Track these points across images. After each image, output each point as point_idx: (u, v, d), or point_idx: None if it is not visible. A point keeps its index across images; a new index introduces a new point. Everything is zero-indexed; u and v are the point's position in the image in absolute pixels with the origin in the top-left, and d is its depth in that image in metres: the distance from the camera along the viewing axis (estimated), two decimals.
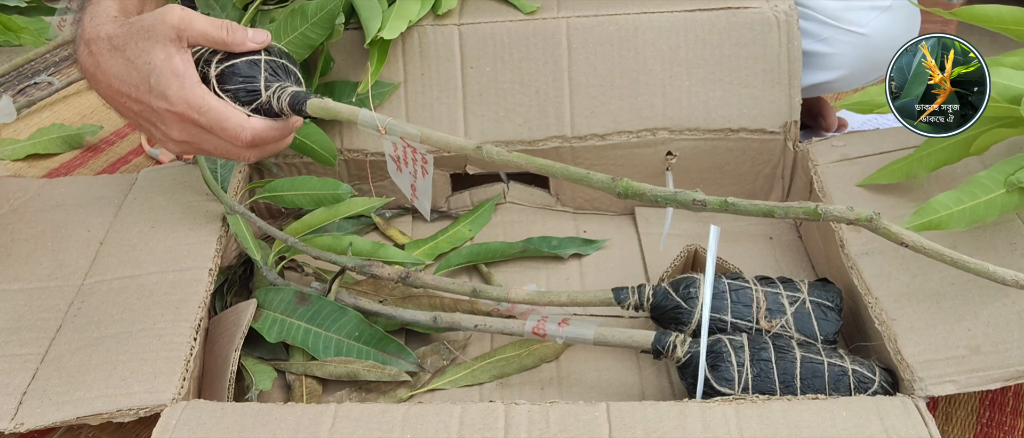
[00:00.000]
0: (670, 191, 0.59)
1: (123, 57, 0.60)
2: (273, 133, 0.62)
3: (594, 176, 0.59)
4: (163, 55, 0.58)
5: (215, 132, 0.60)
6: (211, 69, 0.60)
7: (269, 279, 0.80)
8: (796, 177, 0.92)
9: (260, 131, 0.61)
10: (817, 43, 0.96)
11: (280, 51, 0.64)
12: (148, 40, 0.58)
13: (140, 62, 0.59)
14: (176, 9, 0.58)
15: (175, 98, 0.58)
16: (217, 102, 0.59)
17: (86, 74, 0.63)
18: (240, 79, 0.61)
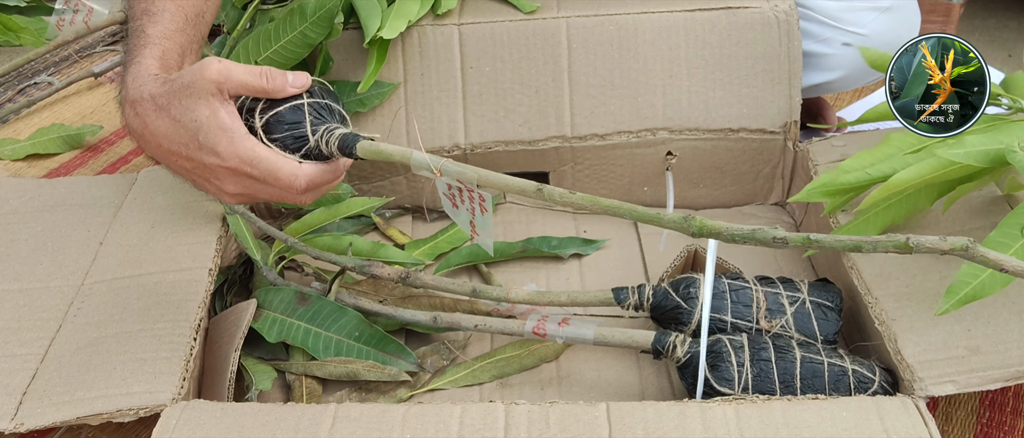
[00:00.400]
0: (748, 229, 0.53)
1: (169, 116, 0.59)
2: (326, 176, 0.61)
3: (665, 216, 0.54)
4: (208, 111, 0.57)
5: (269, 182, 0.59)
6: (256, 120, 0.59)
7: (269, 279, 0.80)
8: (796, 177, 0.92)
9: (313, 177, 0.60)
10: (817, 44, 0.96)
11: (322, 90, 0.63)
12: (190, 97, 0.58)
13: (186, 120, 0.58)
14: (214, 62, 0.57)
15: (226, 153, 0.57)
16: (267, 152, 0.58)
17: (134, 135, 0.63)
18: (286, 126, 0.59)
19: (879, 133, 0.87)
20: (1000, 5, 1.81)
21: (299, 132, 0.59)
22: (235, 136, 0.57)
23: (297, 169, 0.59)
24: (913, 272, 0.70)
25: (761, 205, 0.96)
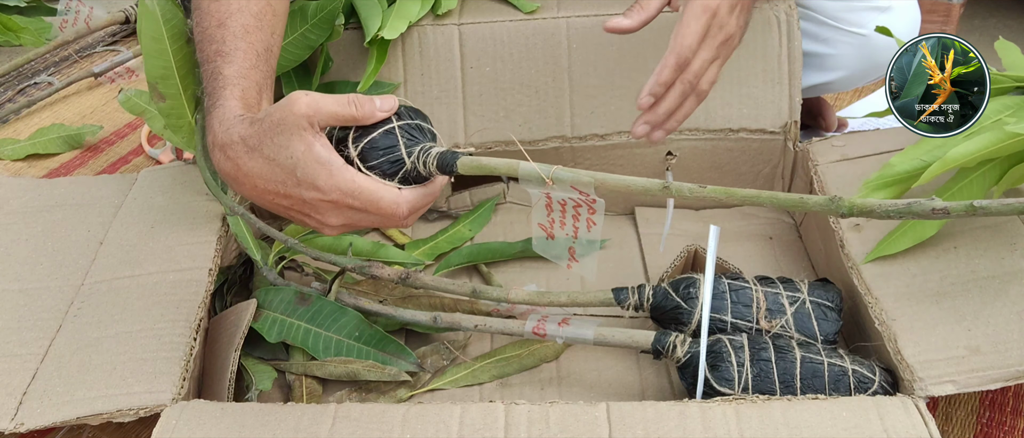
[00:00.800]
0: (903, 203, 0.49)
1: (263, 156, 0.59)
2: (426, 199, 0.61)
3: (809, 199, 0.51)
4: (303, 146, 0.57)
5: (371, 211, 0.59)
6: (351, 150, 0.59)
7: (269, 279, 0.80)
8: (796, 177, 0.92)
9: (414, 202, 0.60)
10: (817, 44, 0.96)
11: (408, 110, 0.62)
12: (282, 134, 0.57)
13: (281, 158, 0.58)
14: (302, 96, 0.57)
15: (326, 186, 0.57)
16: (367, 182, 0.58)
17: (227, 178, 0.62)
18: (381, 152, 0.59)
19: (879, 133, 0.87)
20: (1000, 5, 1.81)
21: (395, 156, 0.59)
22: (334, 168, 0.57)
23: (398, 197, 0.59)
24: (913, 272, 0.70)
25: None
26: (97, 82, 1.36)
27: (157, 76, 0.80)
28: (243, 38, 0.69)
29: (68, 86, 1.32)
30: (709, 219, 0.94)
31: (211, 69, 0.67)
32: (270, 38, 0.72)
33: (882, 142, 0.84)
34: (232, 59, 0.67)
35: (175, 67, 0.80)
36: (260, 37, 0.70)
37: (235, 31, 0.69)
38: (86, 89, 1.34)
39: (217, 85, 0.66)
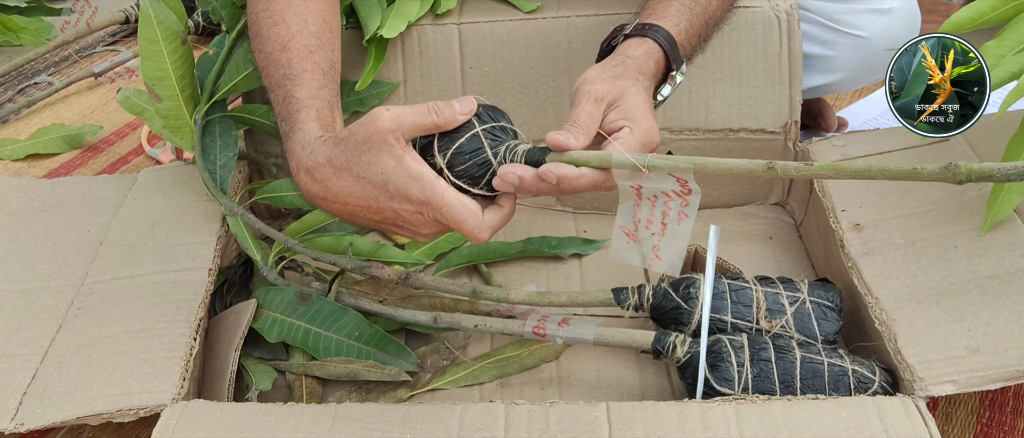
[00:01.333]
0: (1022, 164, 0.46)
1: (351, 175, 0.60)
2: (504, 221, 0.61)
3: (924, 168, 0.48)
4: (393, 161, 0.57)
5: (456, 228, 0.59)
6: (438, 159, 0.59)
7: (269, 279, 0.80)
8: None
9: (495, 225, 0.60)
10: (818, 46, 0.96)
11: (489, 112, 0.61)
12: (371, 151, 0.58)
13: (371, 175, 0.58)
14: (384, 113, 0.57)
15: (419, 200, 0.58)
16: (454, 200, 0.58)
17: (315, 200, 0.63)
18: (467, 157, 0.58)
19: (879, 132, 0.87)
20: None
21: (482, 159, 0.59)
22: (425, 183, 0.57)
23: (481, 222, 0.59)
24: (913, 272, 0.70)
25: (761, 205, 0.97)
26: (97, 82, 1.36)
27: (153, 78, 0.80)
28: (308, 59, 0.70)
29: (68, 86, 1.32)
30: (709, 219, 0.94)
31: (282, 94, 0.69)
32: (332, 55, 0.73)
33: (882, 142, 0.84)
34: (301, 81, 0.68)
35: (171, 69, 0.80)
36: (323, 55, 0.72)
37: (299, 53, 0.70)
38: (86, 89, 1.34)
39: (291, 109, 0.67)
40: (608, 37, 0.73)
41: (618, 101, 0.62)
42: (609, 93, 0.61)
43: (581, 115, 0.60)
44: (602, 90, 0.61)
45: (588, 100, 0.61)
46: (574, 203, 0.98)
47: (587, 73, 0.64)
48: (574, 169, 0.57)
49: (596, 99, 0.61)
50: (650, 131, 0.61)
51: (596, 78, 0.63)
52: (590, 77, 0.63)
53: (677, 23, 0.72)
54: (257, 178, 0.96)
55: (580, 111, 0.60)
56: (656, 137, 0.62)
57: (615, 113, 0.61)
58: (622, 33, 0.72)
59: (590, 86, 0.61)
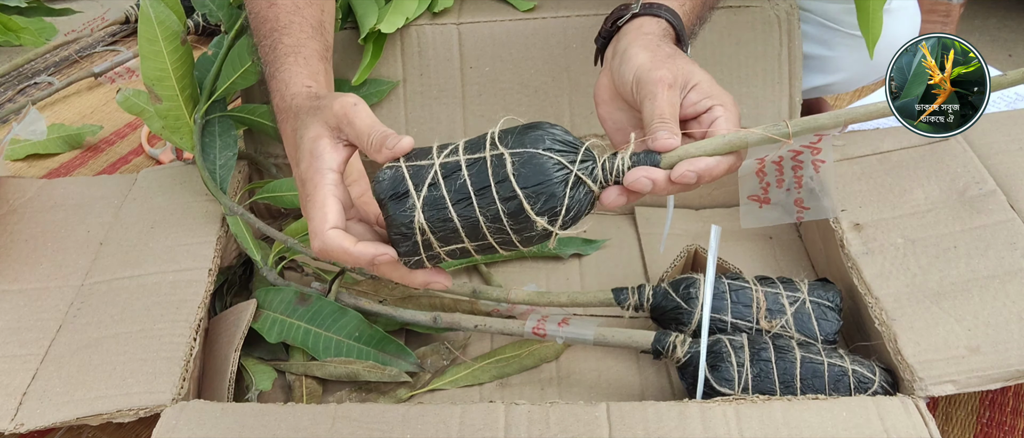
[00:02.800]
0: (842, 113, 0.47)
1: (292, 127, 0.60)
2: (346, 256, 0.53)
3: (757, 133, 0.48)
4: (313, 134, 0.56)
5: (306, 218, 0.56)
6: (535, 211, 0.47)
7: (269, 279, 0.80)
8: None
9: (327, 248, 0.53)
10: (818, 46, 0.96)
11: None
12: (312, 115, 0.57)
13: (297, 135, 0.58)
14: (348, 99, 0.55)
15: (299, 175, 0.57)
16: (321, 199, 0.54)
17: (283, 141, 0.65)
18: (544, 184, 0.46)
19: (879, 132, 0.87)
20: (1000, 5, 1.81)
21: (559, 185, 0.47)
22: (316, 164, 0.55)
23: (324, 228, 0.53)
24: (913, 272, 0.70)
25: None
26: (97, 82, 1.36)
27: (153, 78, 0.80)
28: (296, 13, 0.70)
29: (68, 86, 1.32)
30: (709, 219, 0.94)
31: (269, 43, 0.68)
32: (321, 14, 0.72)
33: (882, 141, 0.84)
34: (288, 31, 0.68)
35: (171, 69, 0.80)
36: (311, 12, 0.71)
37: (287, 8, 0.70)
38: (86, 89, 1.34)
39: (277, 54, 0.67)
40: (612, 16, 0.69)
41: (690, 82, 0.57)
42: (678, 77, 0.56)
43: (665, 107, 0.54)
44: (670, 75, 0.56)
45: (663, 88, 0.55)
46: None
47: (638, 59, 0.58)
48: (711, 160, 0.51)
49: (670, 85, 0.55)
50: (734, 103, 0.57)
51: (653, 63, 0.57)
52: (646, 64, 0.57)
53: (682, 2, 0.68)
54: (257, 178, 0.96)
55: (662, 103, 0.54)
56: (738, 106, 0.57)
57: (694, 94, 0.56)
58: (629, 12, 0.67)
59: (657, 73, 0.56)
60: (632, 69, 0.57)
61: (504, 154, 0.46)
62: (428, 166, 0.48)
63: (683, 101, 0.56)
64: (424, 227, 0.47)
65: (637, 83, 0.56)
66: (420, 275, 0.53)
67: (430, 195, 0.47)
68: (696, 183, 0.51)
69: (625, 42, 0.61)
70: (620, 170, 0.49)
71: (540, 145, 0.46)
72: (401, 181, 0.48)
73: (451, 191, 0.47)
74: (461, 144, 0.49)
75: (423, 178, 0.48)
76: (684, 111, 0.56)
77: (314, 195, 0.54)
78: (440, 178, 0.47)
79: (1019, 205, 0.73)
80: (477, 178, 0.47)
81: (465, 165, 0.47)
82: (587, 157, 0.48)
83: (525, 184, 0.46)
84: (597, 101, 0.61)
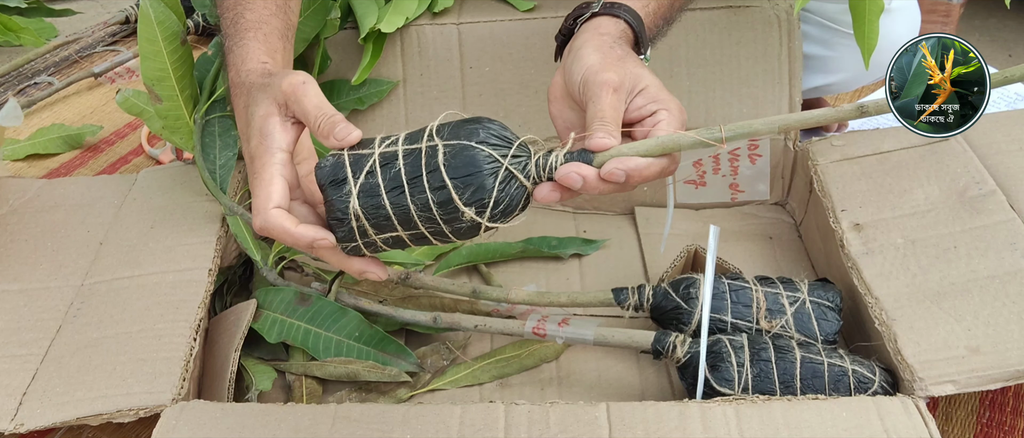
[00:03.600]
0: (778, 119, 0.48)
1: (243, 104, 0.60)
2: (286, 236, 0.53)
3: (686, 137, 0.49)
4: (263, 112, 0.56)
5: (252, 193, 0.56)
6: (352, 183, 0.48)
7: (269, 279, 0.80)
8: (796, 177, 0.92)
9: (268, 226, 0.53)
10: (818, 46, 0.96)
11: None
12: (262, 92, 0.57)
13: (248, 112, 0.58)
14: (297, 77, 0.55)
15: (248, 152, 0.57)
16: (267, 178, 0.54)
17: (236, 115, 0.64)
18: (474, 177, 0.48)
19: (879, 132, 0.87)
20: (1000, 5, 1.81)
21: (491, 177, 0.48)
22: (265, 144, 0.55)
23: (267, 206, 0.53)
24: (913, 272, 0.70)
25: (761, 205, 0.96)
26: (97, 82, 1.35)
27: (153, 78, 0.80)
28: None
29: (68, 86, 1.32)
30: (709, 219, 0.94)
31: (231, 17, 0.68)
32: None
33: (882, 142, 0.84)
34: (251, 6, 0.68)
35: (171, 69, 0.80)
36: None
37: None
38: (86, 89, 1.34)
39: (238, 28, 0.67)
40: (573, 13, 0.68)
41: (637, 86, 0.57)
42: (625, 80, 0.57)
43: (606, 110, 0.55)
44: (617, 78, 0.56)
45: (607, 91, 0.56)
46: (574, 203, 0.98)
47: (588, 60, 0.59)
48: (642, 160, 0.52)
49: (615, 88, 0.56)
50: (681, 109, 0.57)
51: (602, 66, 0.58)
52: (596, 65, 0.58)
53: (646, 3, 0.68)
54: None
55: (604, 105, 0.55)
56: (685, 112, 0.58)
57: (640, 99, 0.57)
58: (589, 10, 0.67)
59: (604, 75, 0.56)
60: (581, 69, 0.58)
61: (438, 145, 0.48)
62: (368, 155, 0.49)
63: (630, 105, 0.57)
64: (359, 214, 0.48)
65: (584, 84, 0.57)
66: (357, 263, 0.53)
67: (366, 183, 0.48)
68: (626, 182, 0.52)
69: (580, 41, 0.61)
70: (553, 166, 0.50)
71: (474, 138, 0.48)
72: (341, 168, 0.49)
73: (386, 179, 0.48)
74: (402, 135, 0.50)
75: (362, 166, 0.49)
76: (630, 115, 0.57)
77: (261, 173, 0.54)
78: (377, 167, 0.48)
79: (1019, 205, 0.73)
80: (411, 168, 0.48)
81: (401, 155, 0.48)
82: (521, 152, 0.49)
83: (454, 175, 0.47)
84: (549, 99, 0.61)
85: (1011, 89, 1.17)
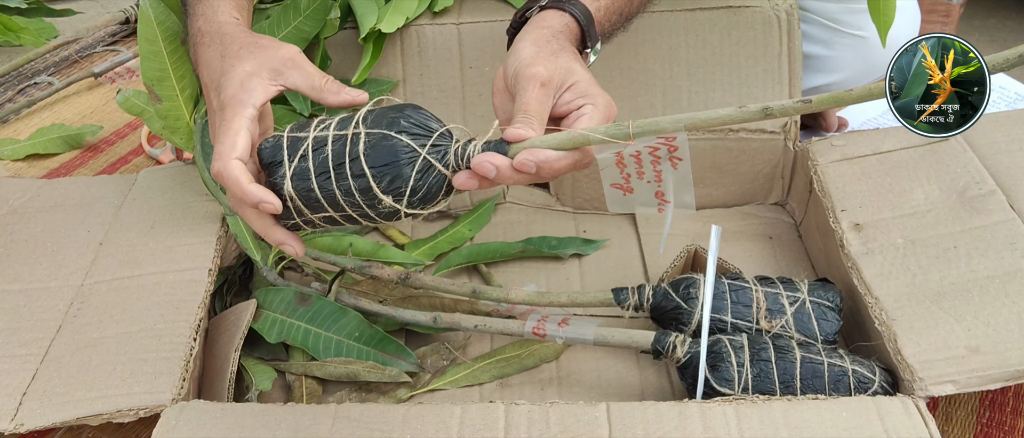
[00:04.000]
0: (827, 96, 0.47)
1: (218, 52, 0.61)
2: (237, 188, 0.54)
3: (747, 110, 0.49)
4: (250, 68, 0.58)
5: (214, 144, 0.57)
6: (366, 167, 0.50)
7: (269, 279, 0.80)
8: (796, 177, 0.92)
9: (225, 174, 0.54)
10: (818, 46, 0.96)
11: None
12: (252, 52, 0.59)
13: (226, 63, 0.59)
14: (293, 48, 0.58)
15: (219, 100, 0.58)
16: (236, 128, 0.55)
17: (193, 62, 0.65)
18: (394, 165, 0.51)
19: (879, 132, 0.87)
20: (1000, 5, 1.81)
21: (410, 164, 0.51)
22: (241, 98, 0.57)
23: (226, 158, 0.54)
24: (913, 272, 0.70)
25: (760, 205, 0.96)
26: (97, 82, 1.35)
27: (153, 78, 0.80)
28: None
29: (68, 86, 1.32)
30: (709, 219, 0.94)
31: None
32: None
33: (882, 141, 0.84)
34: None
35: (171, 69, 0.80)
36: None
37: None
38: (86, 89, 1.34)
39: None
40: (524, 7, 0.69)
41: (567, 81, 0.59)
42: (555, 75, 0.58)
43: (531, 103, 0.56)
44: (546, 73, 0.58)
45: (534, 85, 0.57)
46: (574, 203, 0.98)
47: (522, 54, 0.60)
48: (552, 153, 0.53)
49: (543, 83, 0.57)
50: (609, 105, 0.59)
51: (535, 59, 0.59)
52: (528, 59, 0.59)
53: None
54: None
55: (529, 99, 0.57)
56: (615, 108, 0.60)
57: (569, 93, 0.58)
58: (539, 3, 0.68)
59: (533, 69, 0.58)
60: (515, 63, 0.59)
61: (361, 133, 0.50)
62: (303, 138, 0.52)
63: (559, 99, 0.58)
64: (292, 195, 0.52)
65: (516, 76, 0.59)
66: (277, 234, 0.55)
67: (299, 167, 0.51)
68: (537, 173, 0.53)
69: (522, 34, 0.63)
70: (470, 156, 0.52)
71: (394, 128, 0.50)
72: (279, 150, 0.52)
73: (316, 164, 0.51)
74: (335, 120, 0.53)
75: (297, 150, 0.52)
76: (559, 109, 0.58)
77: (231, 123, 0.55)
78: (310, 151, 0.51)
79: (1019, 205, 0.73)
80: (337, 155, 0.51)
81: (331, 141, 0.51)
82: (440, 142, 0.52)
83: (373, 164, 0.50)
84: (493, 91, 0.63)
85: (1011, 89, 1.17)
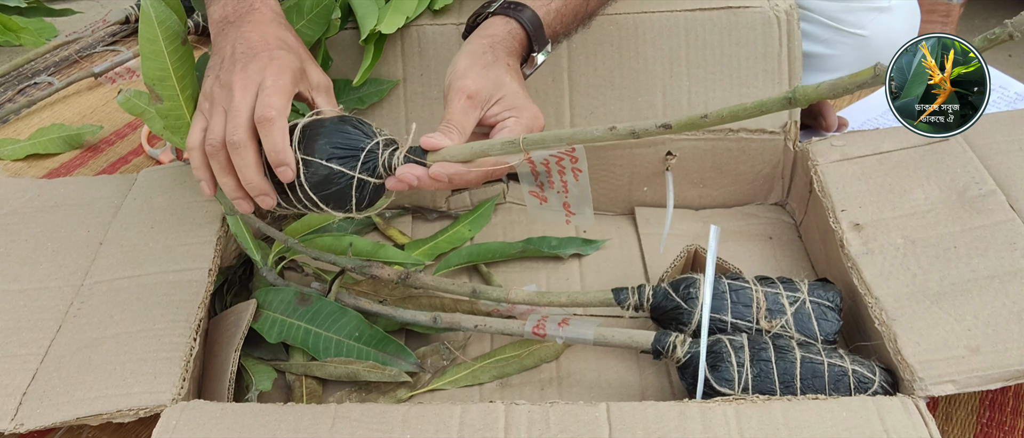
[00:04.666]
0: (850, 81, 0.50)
1: (274, 27, 0.64)
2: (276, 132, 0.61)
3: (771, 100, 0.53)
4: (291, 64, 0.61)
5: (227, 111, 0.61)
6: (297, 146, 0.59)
7: (269, 279, 0.80)
8: (796, 177, 0.92)
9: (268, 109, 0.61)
10: (817, 45, 0.96)
11: None
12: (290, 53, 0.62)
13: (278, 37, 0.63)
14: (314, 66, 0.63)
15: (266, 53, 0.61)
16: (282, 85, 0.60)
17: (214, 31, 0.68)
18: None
19: (879, 132, 0.87)
20: (1000, 5, 1.81)
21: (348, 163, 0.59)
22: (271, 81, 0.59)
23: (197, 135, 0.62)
24: (913, 272, 0.70)
25: (761, 205, 0.96)
26: (97, 82, 1.35)
27: (154, 78, 0.80)
28: None
29: (68, 86, 1.32)
30: (709, 219, 0.94)
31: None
32: None
33: (882, 141, 0.84)
34: None
35: (172, 69, 0.80)
36: None
37: None
38: (86, 89, 1.34)
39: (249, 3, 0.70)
40: (475, 12, 0.71)
41: (495, 94, 0.62)
42: (483, 88, 0.61)
43: (454, 113, 0.60)
44: (475, 86, 0.61)
45: (460, 97, 0.60)
46: None
47: (457, 65, 0.63)
48: (462, 166, 0.57)
49: (470, 95, 0.60)
50: (535, 118, 0.62)
51: (466, 72, 0.62)
52: (460, 71, 0.62)
53: (547, 3, 0.70)
54: None
55: (453, 109, 0.60)
56: (541, 121, 0.62)
57: (497, 106, 0.62)
58: (488, 9, 0.70)
59: (462, 82, 0.61)
60: (450, 73, 0.63)
61: (300, 160, 0.58)
62: None
63: (487, 111, 0.62)
64: None
65: (448, 87, 0.63)
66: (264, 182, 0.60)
67: None
68: (449, 184, 0.58)
69: (464, 44, 0.66)
70: (395, 165, 0.58)
71: (323, 155, 0.57)
72: None
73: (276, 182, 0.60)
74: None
75: None
76: (487, 120, 0.62)
77: (279, 78, 0.60)
78: None
79: (1019, 205, 0.73)
80: None
81: None
82: (368, 158, 0.58)
83: (317, 192, 0.58)
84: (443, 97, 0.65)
85: (1011, 89, 1.17)
